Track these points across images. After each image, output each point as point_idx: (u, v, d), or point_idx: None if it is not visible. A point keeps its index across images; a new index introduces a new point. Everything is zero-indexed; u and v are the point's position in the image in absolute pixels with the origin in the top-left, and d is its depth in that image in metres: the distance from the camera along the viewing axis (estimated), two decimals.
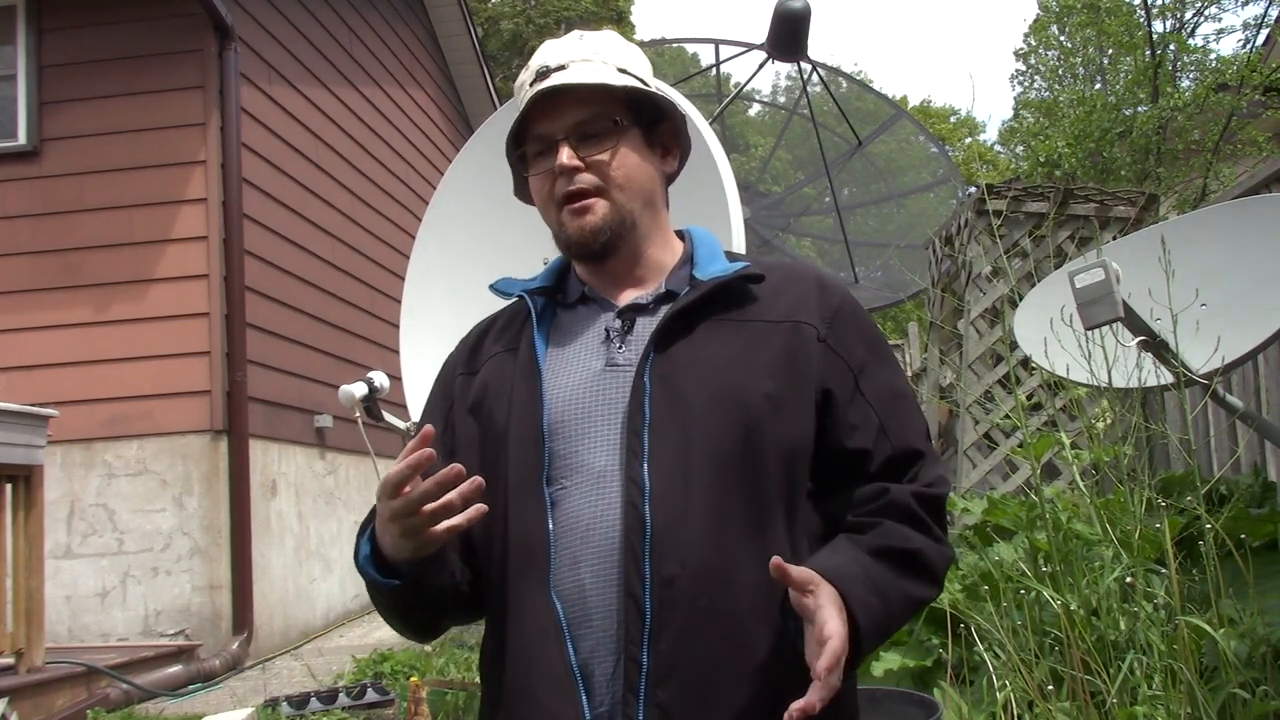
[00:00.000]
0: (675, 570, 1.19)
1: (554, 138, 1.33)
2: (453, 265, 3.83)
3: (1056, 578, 2.52)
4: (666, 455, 1.23)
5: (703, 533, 1.20)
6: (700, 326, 1.29)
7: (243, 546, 6.03)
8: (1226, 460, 3.98)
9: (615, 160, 1.33)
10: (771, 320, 1.30)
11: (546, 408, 1.30)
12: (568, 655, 1.21)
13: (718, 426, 1.24)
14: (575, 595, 1.23)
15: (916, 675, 2.85)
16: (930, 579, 1.26)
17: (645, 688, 1.18)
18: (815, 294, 1.34)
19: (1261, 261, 2.89)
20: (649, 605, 1.19)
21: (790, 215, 10.75)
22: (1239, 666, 2.12)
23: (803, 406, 1.27)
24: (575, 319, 1.38)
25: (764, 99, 20.02)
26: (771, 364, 1.27)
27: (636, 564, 1.20)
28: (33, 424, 4.62)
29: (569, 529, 1.25)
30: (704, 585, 1.19)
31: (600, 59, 1.35)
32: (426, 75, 10.22)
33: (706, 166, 3.14)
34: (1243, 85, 9.89)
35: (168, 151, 6.31)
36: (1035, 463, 2.72)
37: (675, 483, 1.22)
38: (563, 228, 1.34)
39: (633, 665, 1.19)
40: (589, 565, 1.23)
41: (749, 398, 1.25)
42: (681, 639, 1.18)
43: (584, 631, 1.22)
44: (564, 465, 1.27)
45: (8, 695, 4.28)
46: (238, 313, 6.19)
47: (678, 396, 1.25)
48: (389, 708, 4.48)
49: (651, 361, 1.27)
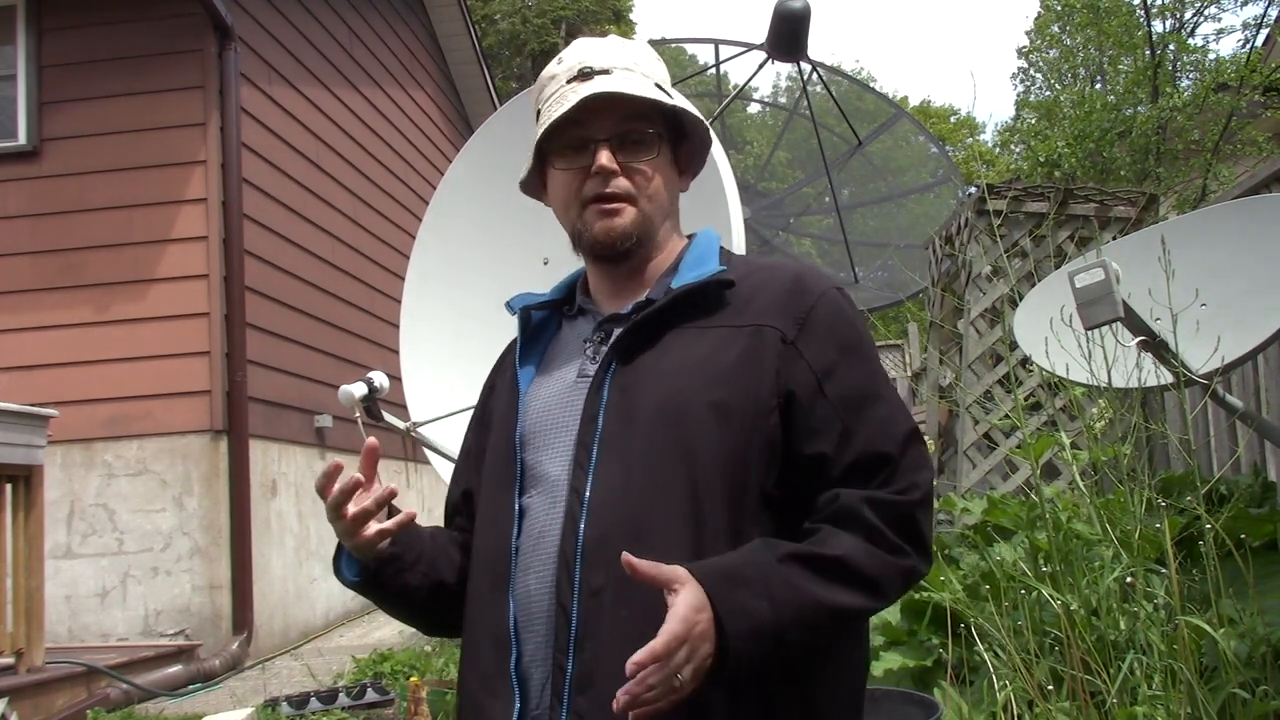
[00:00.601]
0: (602, 581, 1.20)
1: (595, 137, 1.34)
2: (453, 265, 3.82)
3: (1056, 578, 2.52)
4: (611, 468, 1.24)
5: (633, 546, 1.15)
6: (667, 335, 1.30)
7: (243, 546, 6.03)
8: (1226, 460, 3.98)
9: (651, 171, 1.36)
10: (735, 325, 1.29)
11: (521, 420, 1.35)
12: (510, 660, 1.24)
13: (659, 440, 1.23)
14: (524, 601, 1.26)
15: (916, 675, 2.85)
16: (863, 587, 1.19)
17: (568, 695, 1.20)
18: (789, 295, 1.31)
19: (1261, 261, 2.89)
20: (575, 614, 1.21)
21: (790, 215, 10.74)
22: (1239, 666, 2.12)
23: (756, 414, 1.24)
24: (572, 331, 1.42)
25: (764, 99, 20.04)
26: (727, 370, 1.25)
27: (568, 573, 1.22)
28: (33, 424, 4.62)
29: (528, 537, 1.28)
30: (629, 597, 1.17)
31: (641, 70, 1.37)
32: (426, 75, 10.22)
33: (707, 166, 3.13)
34: (1242, 85, 9.90)
35: (168, 151, 6.32)
36: (1035, 463, 2.72)
37: (614, 495, 1.23)
38: (587, 226, 1.35)
39: (559, 672, 1.21)
40: (536, 572, 1.26)
41: (692, 409, 1.24)
42: (604, 649, 1.18)
43: (528, 636, 1.25)
44: (531, 476, 1.32)
45: (8, 695, 4.28)
46: (238, 313, 6.19)
47: (631, 408, 1.26)
48: (389, 708, 4.48)
49: (613, 372, 1.29)
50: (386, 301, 8.10)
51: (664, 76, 1.41)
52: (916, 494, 1.25)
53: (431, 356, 3.72)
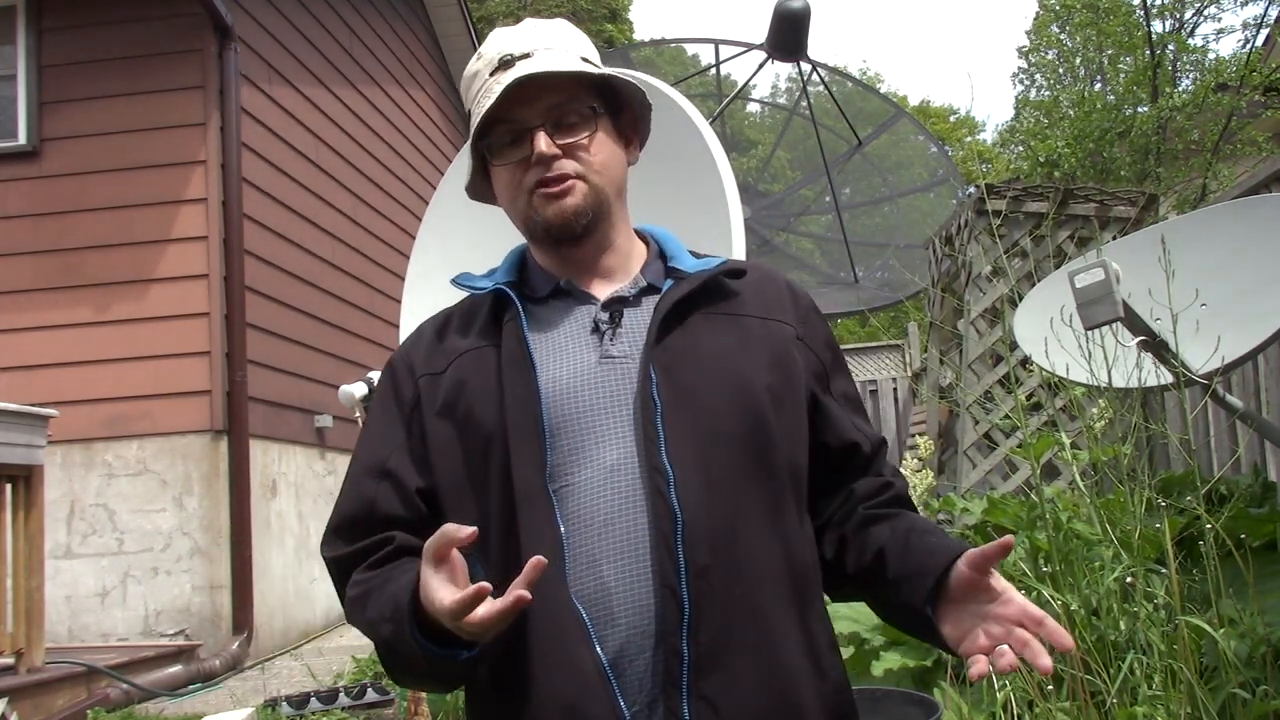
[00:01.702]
0: (707, 560, 1.17)
1: (527, 126, 1.29)
2: (452, 265, 3.80)
3: (1056, 578, 2.52)
4: (684, 443, 1.21)
5: (727, 521, 1.19)
6: (691, 318, 1.29)
7: (243, 546, 6.03)
8: (1226, 460, 3.98)
9: (593, 146, 1.31)
10: (757, 316, 1.32)
11: (545, 403, 1.24)
12: (597, 655, 1.16)
13: (730, 414, 1.24)
14: (597, 594, 1.18)
15: (916, 675, 2.85)
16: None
17: (688, 680, 1.15)
18: (787, 293, 1.38)
19: (1261, 261, 2.89)
20: (686, 596, 1.15)
21: (790, 215, 10.74)
22: (1239, 666, 2.12)
23: (798, 401, 1.30)
24: (551, 312, 1.33)
25: (764, 99, 20.04)
26: (766, 358, 1.29)
27: (670, 554, 1.16)
28: (33, 424, 4.62)
29: (583, 527, 1.19)
30: (736, 574, 1.18)
31: (562, 47, 1.33)
32: (426, 75, 10.22)
33: (706, 166, 3.13)
34: (1242, 85, 9.89)
35: (168, 151, 6.32)
36: (1035, 463, 2.72)
37: (695, 470, 1.20)
38: (538, 213, 1.30)
39: (674, 658, 1.15)
40: (610, 562, 1.18)
41: (754, 388, 1.26)
42: (720, 629, 1.16)
43: (609, 631, 1.17)
44: (568, 462, 1.22)
45: (8, 695, 4.28)
46: (238, 313, 6.19)
47: (684, 386, 1.24)
48: (389, 708, 4.48)
49: (651, 353, 1.26)
50: (386, 301, 8.10)
51: (589, 49, 1.37)
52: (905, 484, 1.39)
53: None
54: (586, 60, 1.34)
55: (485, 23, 19.69)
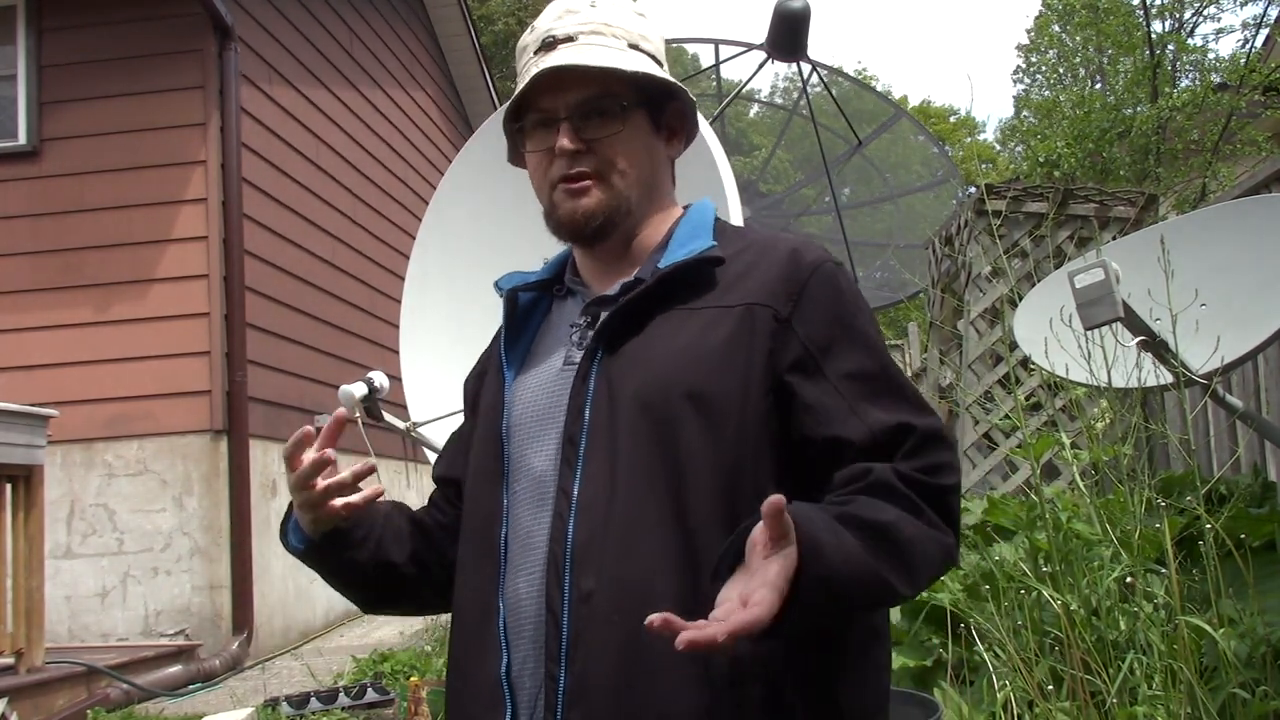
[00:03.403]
0: (592, 585, 1.13)
1: (555, 117, 1.26)
2: (452, 265, 3.82)
3: (1056, 578, 2.52)
4: (599, 465, 1.17)
5: (622, 547, 1.12)
6: (654, 319, 1.22)
7: (243, 546, 6.03)
8: (1226, 460, 3.98)
9: (618, 144, 1.26)
10: (724, 305, 1.20)
11: (508, 409, 1.27)
12: (500, 667, 1.18)
13: (640, 433, 1.16)
14: (514, 604, 1.19)
15: (916, 675, 2.85)
16: (908, 557, 1.08)
17: (561, 708, 1.13)
18: (782, 270, 1.22)
19: (1261, 262, 2.89)
20: (566, 621, 1.14)
21: (790, 215, 10.74)
22: (1239, 666, 2.12)
23: (744, 400, 1.16)
24: (561, 313, 1.34)
25: (764, 99, 20.04)
26: (710, 354, 1.17)
27: (557, 578, 1.15)
28: (33, 424, 4.62)
29: (515, 535, 1.22)
30: (619, 602, 1.11)
31: (612, 32, 1.28)
32: (426, 75, 10.22)
33: (707, 167, 3.13)
34: (1242, 85, 9.89)
35: (168, 151, 6.31)
36: (1035, 463, 2.72)
37: (602, 494, 1.15)
38: (555, 208, 1.28)
39: (551, 683, 1.14)
40: (525, 575, 1.19)
41: (670, 398, 1.16)
42: (596, 658, 1.12)
43: (519, 642, 1.18)
44: (515, 469, 1.25)
45: (8, 695, 4.28)
46: (238, 313, 6.19)
47: (616, 400, 1.18)
48: (389, 708, 4.48)
49: (599, 360, 1.21)
50: (386, 301, 8.10)
51: (646, 31, 1.31)
52: (947, 478, 1.15)
53: (431, 356, 3.72)
54: (635, 48, 1.29)
55: (485, 22, 19.70)
